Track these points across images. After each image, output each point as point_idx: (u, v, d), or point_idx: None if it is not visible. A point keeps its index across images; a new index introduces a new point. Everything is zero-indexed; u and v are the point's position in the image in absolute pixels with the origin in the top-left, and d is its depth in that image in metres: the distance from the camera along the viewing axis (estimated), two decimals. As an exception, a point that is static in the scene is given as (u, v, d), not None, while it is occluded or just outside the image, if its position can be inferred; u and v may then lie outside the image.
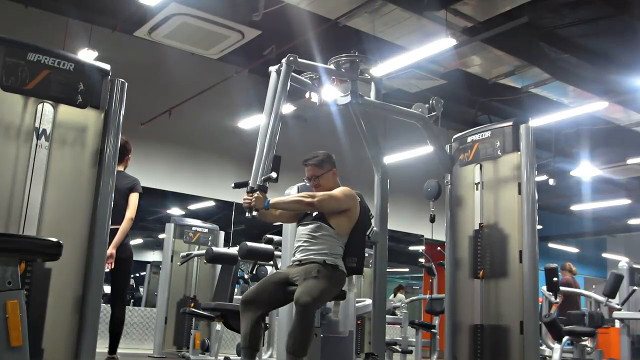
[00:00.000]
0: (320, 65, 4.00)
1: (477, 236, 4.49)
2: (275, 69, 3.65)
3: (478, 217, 4.50)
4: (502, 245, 4.34)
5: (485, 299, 4.36)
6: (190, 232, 7.17)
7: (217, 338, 5.55)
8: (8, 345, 1.84)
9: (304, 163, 3.62)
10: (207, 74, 8.63)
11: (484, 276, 4.39)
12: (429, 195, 4.68)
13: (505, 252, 4.31)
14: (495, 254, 4.38)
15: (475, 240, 4.50)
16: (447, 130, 8.77)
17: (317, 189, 3.58)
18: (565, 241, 16.13)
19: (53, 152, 3.02)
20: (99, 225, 3.06)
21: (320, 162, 3.59)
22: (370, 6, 6.48)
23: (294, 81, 3.74)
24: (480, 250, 4.45)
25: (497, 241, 4.38)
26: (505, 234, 4.33)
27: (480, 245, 4.46)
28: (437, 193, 4.66)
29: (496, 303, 4.30)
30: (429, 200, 4.68)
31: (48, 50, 3.05)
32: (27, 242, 2.13)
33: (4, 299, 1.86)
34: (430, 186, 4.70)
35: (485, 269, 4.40)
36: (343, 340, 3.90)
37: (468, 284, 4.49)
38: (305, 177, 3.64)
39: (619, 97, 8.47)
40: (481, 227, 4.47)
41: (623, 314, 6.59)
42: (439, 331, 7.15)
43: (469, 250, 4.53)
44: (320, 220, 3.44)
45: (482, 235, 4.46)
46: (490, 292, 4.35)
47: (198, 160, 9.39)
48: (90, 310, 3.00)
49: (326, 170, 3.59)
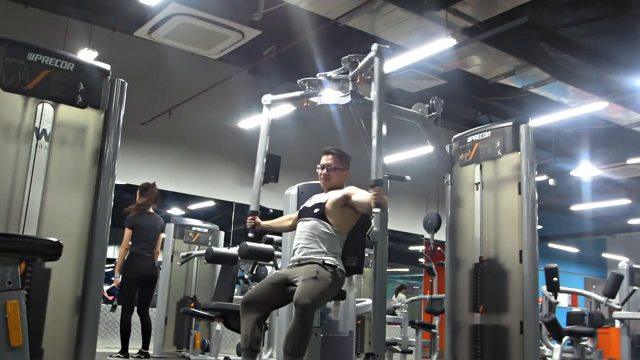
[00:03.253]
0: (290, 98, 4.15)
1: (479, 237, 4.48)
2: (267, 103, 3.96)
3: (478, 217, 4.49)
4: (502, 245, 4.34)
5: (485, 299, 4.36)
6: (190, 232, 7.16)
7: (217, 338, 5.54)
8: (8, 345, 1.84)
9: (326, 151, 3.62)
10: (207, 74, 8.63)
11: (484, 276, 4.39)
12: (428, 228, 4.71)
13: (505, 252, 4.31)
14: (495, 254, 4.37)
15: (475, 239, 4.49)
16: (447, 130, 8.75)
17: (324, 181, 3.57)
18: (565, 241, 16.13)
19: (53, 152, 3.02)
20: (99, 225, 3.06)
21: (342, 156, 3.61)
22: (370, 6, 6.47)
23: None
24: (481, 250, 4.45)
25: (497, 241, 4.38)
26: (505, 234, 4.33)
27: (480, 245, 4.46)
28: (437, 226, 4.68)
29: (496, 303, 4.30)
30: (428, 232, 4.71)
31: (48, 50, 3.06)
32: (27, 242, 2.13)
33: (4, 299, 1.86)
34: (430, 218, 4.72)
35: (485, 269, 4.39)
36: (343, 340, 3.90)
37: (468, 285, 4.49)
38: (319, 164, 3.60)
39: (619, 97, 8.46)
40: (482, 228, 4.47)
41: (623, 314, 6.59)
42: (439, 331, 7.15)
43: (470, 249, 4.53)
44: (321, 217, 3.42)
45: (482, 235, 4.46)
46: (490, 293, 4.34)
47: (198, 160, 9.39)
48: (90, 310, 3.00)
49: (342, 168, 3.60)
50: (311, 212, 3.48)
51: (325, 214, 3.41)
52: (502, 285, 4.27)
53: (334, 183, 3.55)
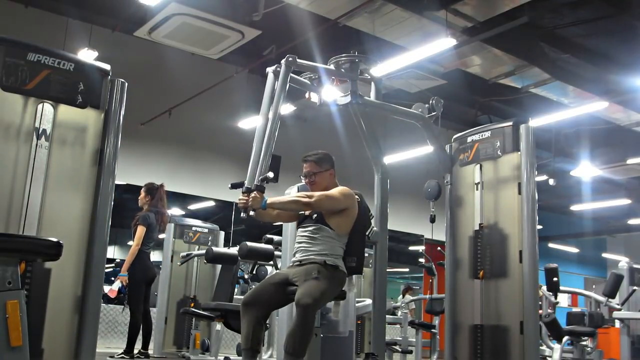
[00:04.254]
0: (319, 66, 4.00)
1: (477, 236, 4.49)
2: (273, 69, 3.65)
3: (478, 217, 4.50)
4: (502, 245, 4.34)
5: (485, 299, 4.36)
6: (190, 232, 7.16)
7: (217, 338, 5.54)
8: (8, 345, 1.84)
9: (303, 159, 3.60)
10: (207, 74, 8.63)
11: (484, 276, 4.39)
12: (429, 196, 4.68)
13: (505, 252, 4.31)
14: (495, 254, 4.38)
15: (475, 240, 4.50)
16: (447, 130, 8.76)
17: (312, 187, 3.55)
18: (565, 241, 16.13)
19: (53, 152, 3.02)
20: (99, 225, 3.06)
21: (319, 159, 3.56)
22: (370, 6, 6.47)
23: (293, 82, 3.74)
24: (481, 250, 4.45)
25: (497, 241, 4.38)
26: (505, 234, 4.33)
27: (480, 245, 4.46)
28: (437, 193, 4.65)
29: (496, 303, 4.30)
30: (429, 200, 4.68)
31: (48, 50, 3.06)
32: (27, 242, 2.13)
33: (4, 299, 1.86)
34: (430, 186, 4.70)
35: (485, 269, 4.40)
36: (343, 340, 3.90)
37: (468, 284, 4.49)
38: (302, 173, 3.60)
39: (619, 97, 8.46)
40: (481, 227, 4.47)
41: (623, 314, 6.60)
42: (439, 331, 7.14)
43: (469, 250, 4.53)
44: (320, 222, 3.42)
45: (482, 235, 4.46)
46: (491, 292, 4.35)
47: (198, 160, 9.39)
48: (90, 310, 3.00)
49: (324, 169, 3.55)
50: (310, 218, 3.47)
51: (324, 218, 3.41)
52: (502, 285, 4.27)
53: (321, 186, 3.51)
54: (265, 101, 3.56)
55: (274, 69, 3.65)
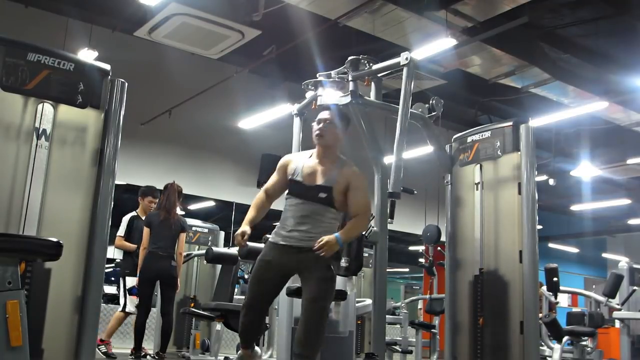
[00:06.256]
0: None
1: (479, 237, 4.49)
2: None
3: (478, 217, 4.49)
4: (502, 245, 4.34)
5: (485, 298, 4.36)
6: (190, 232, 7.16)
7: (217, 338, 5.54)
8: (8, 345, 1.84)
9: (325, 106, 3.44)
10: (207, 74, 8.62)
11: (484, 276, 4.39)
12: (428, 240, 4.71)
13: (505, 252, 4.31)
14: (495, 254, 4.37)
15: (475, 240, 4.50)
16: (447, 130, 8.76)
17: (318, 137, 3.25)
18: (565, 241, 16.12)
19: (53, 152, 3.02)
20: (99, 225, 3.06)
21: (343, 117, 3.36)
22: (370, 6, 6.47)
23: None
24: (481, 250, 4.45)
25: (497, 241, 4.38)
26: (505, 234, 4.33)
27: (480, 245, 4.46)
28: (437, 238, 4.67)
29: (496, 303, 4.30)
30: (428, 245, 4.71)
31: (48, 50, 3.06)
32: (27, 242, 2.14)
33: (4, 299, 1.86)
34: (429, 231, 4.71)
35: (485, 269, 4.39)
36: (343, 340, 3.90)
37: (468, 284, 4.49)
38: (317, 119, 3.32)
39: (619, 97, 8.46)
40: (481, 272, 4.46)
41: (623, 314, 6.60)
42: (439, 331, 7.15)
43: (470, 250, 4.53)
44: (328, 203, 3.16)
45: (483, 235, 4.46)
46: (491, 292, 4.34)
47: (198, 160, 9.38)
48: (90, 310, 3.00)
49: (339, 128, 3.29)
50: (315, 195, 3.16)
51: (333, 201, 3.16)
52: (503, 285, 4.27)
53: (326, 141, 3.24)
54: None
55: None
